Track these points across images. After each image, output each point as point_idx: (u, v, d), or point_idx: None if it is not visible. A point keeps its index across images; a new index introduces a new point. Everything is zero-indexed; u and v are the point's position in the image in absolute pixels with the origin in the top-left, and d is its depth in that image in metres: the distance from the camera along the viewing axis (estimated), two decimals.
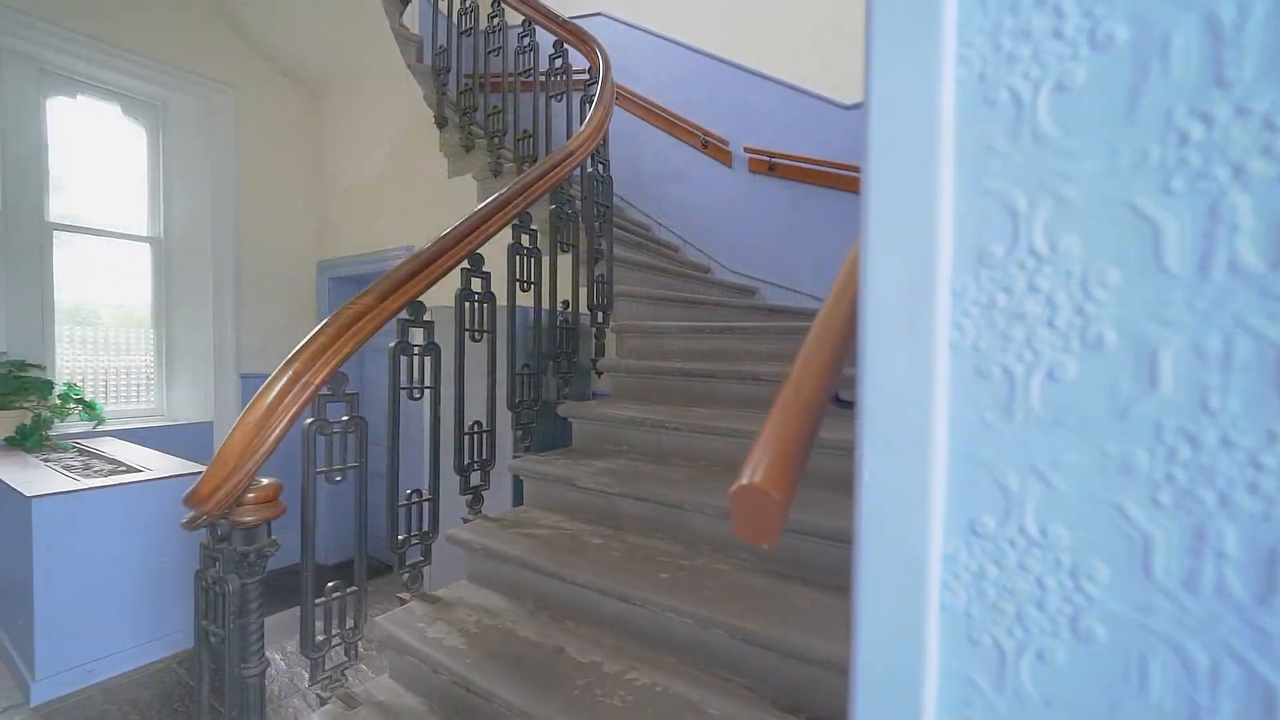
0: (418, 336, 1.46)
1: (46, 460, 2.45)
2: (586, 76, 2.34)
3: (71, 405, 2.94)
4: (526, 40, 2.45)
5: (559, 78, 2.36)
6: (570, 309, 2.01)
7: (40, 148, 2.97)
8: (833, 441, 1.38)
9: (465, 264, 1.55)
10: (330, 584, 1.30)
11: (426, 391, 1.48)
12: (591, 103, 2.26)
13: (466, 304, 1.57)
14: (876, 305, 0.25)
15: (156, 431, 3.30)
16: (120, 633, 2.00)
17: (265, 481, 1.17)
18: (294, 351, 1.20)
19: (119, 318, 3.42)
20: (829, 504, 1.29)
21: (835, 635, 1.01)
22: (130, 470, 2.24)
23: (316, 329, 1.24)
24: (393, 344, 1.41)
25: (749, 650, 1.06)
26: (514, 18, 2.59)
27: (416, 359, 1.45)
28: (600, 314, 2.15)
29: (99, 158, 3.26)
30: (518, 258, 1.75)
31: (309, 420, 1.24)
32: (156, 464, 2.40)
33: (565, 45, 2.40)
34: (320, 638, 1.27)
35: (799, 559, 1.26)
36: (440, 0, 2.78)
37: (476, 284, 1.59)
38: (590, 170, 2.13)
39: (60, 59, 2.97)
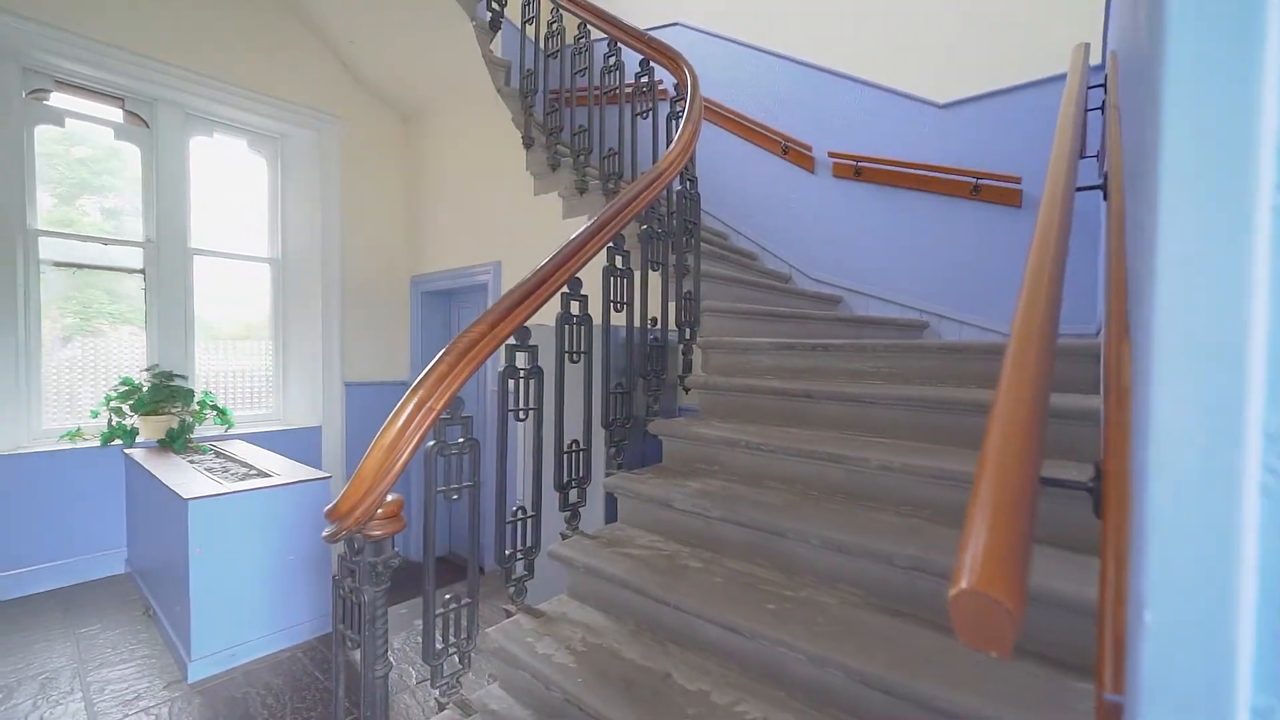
0: (522, 360, 1.52)
1: (191, 462, 2.76)
2: (674, 93, 2.36)
3: (208, 411, 3.30)
4: (613, 60, 2.50)
5: (645, 95, 2.39)
6: (659, 326, 2.03)
7: (184, 182, 3.35)
8: (953, 473, 1.32)
9: (565, 288, 1.60)
10: (447, 595, 1.38)
11: (529, 412, 1.54)
12: (678, 119, 2.28)
13: (566, 327, 1.62)
14: (1165, 431, 0.24)
15: (274, 435, 3.64)
16: (255, 622, 2.22)
17: (390, 498, 1.26)
18: (418, 379, 1.28)
19: (243, 332, 3.80)
20: (952, 539, 1.23)
21: (966, 685, 0.96)
22: (261, 474, 2.48)
23: (437, 357, 1.32)
24: (501, 368, 1.47)
25: (869, 693, 1.03)
26: (598, 34, 2.64)
27: (521, 382, 1.51)
28: (687, 330, 2.16)
29: (228, 188, 3.63)
30: (612, 279, 1.79)
31: (430, 443, 1.32)
32: (279, 467, 2.64)
33: (651, 63, 2.42)
34: (439, 646, 1.35)
35: (916, 595, 1.21)
36: (527, 26, 2.89)
37: (575, 307, 1.64)
38: (679, 188, 2.14)
39: (202, 103, 3.34)
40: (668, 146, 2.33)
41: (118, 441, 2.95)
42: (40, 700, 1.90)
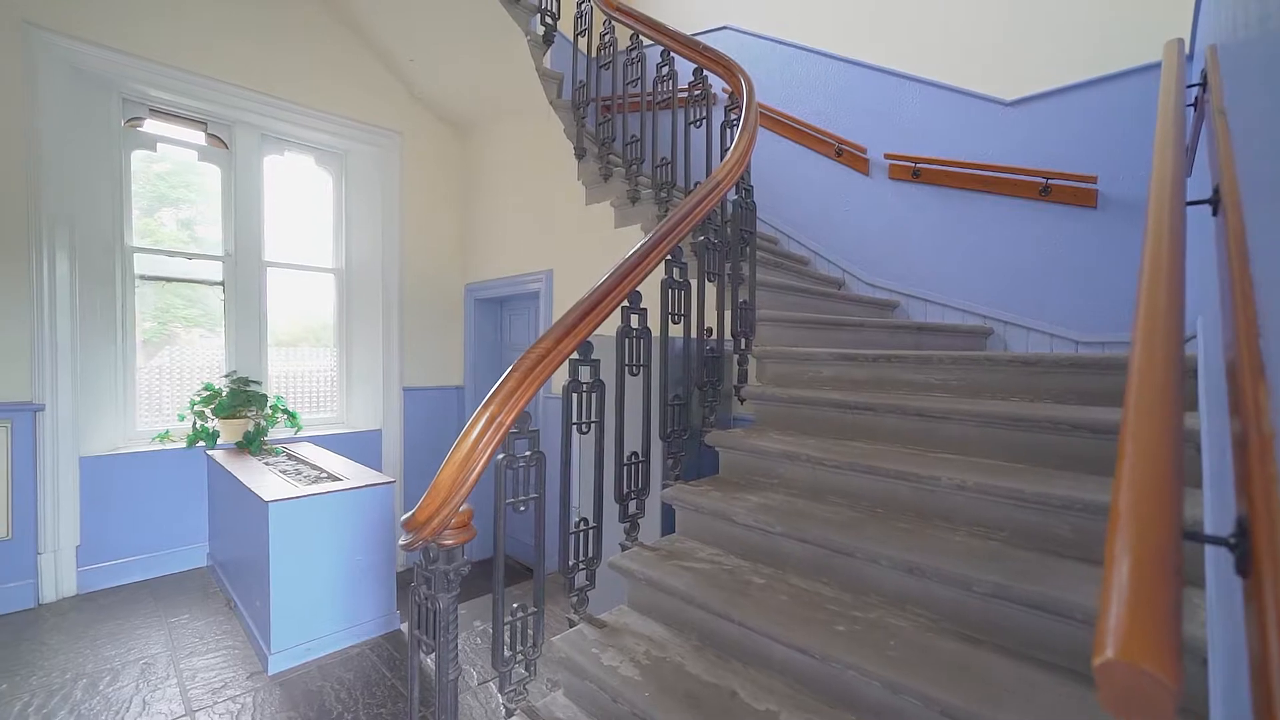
0: (585, 374, 1.54)
1: (267, 464, 2.93)
2: (724, 98, 2.35)
3: (279, 415, 3.49)
4: (665, 70, 2.51)
5: (699, 103, 2.38)
6: (714, 336, 2.02)
7: (259, 198, 3.56)
8: (1032, 495, 1.27)
9: (625, 302, 1.62)
10: (515, 605, 1.42)
11: (591, 425, 1.56)
12: (732, 128, 2.27)
13: (626, 340, 1.64)
14: None
15: (339, 438, 3.82)
16: (327, 618, 2.34)
17: (460, 508, 1.31)
18: (489, 395, 1.32)
19: (310, 339, 4.00)
20: (1033, 565, 1.18)
21: None
22: (331, 477, 2.61)
23: (505, 374, 1.35)
24: (565, 383, 1.50)
25: None
26: (649, 42, 2.66)
27: (584, 395, 1.54)
28: (743, 340, 2.15)
29: (297, 202, 3.84)
30: (670, 291, 1.80)
31: (500, 456, 1.36)
32: (346, 470, 2.77)
33: (705, 71, 2.42)
34: (507, 653, 1.38)
35: (992, 623, 1.16)
36: (579, 38, 2.93)
37: (635, 320, 1.66)
38: (734, 198, 2.13)
39: (275, 124, 3.55)
40: (721, 154, 2.33)
41: (201, 443, 3.16)
42: (141, 684, 2.06)
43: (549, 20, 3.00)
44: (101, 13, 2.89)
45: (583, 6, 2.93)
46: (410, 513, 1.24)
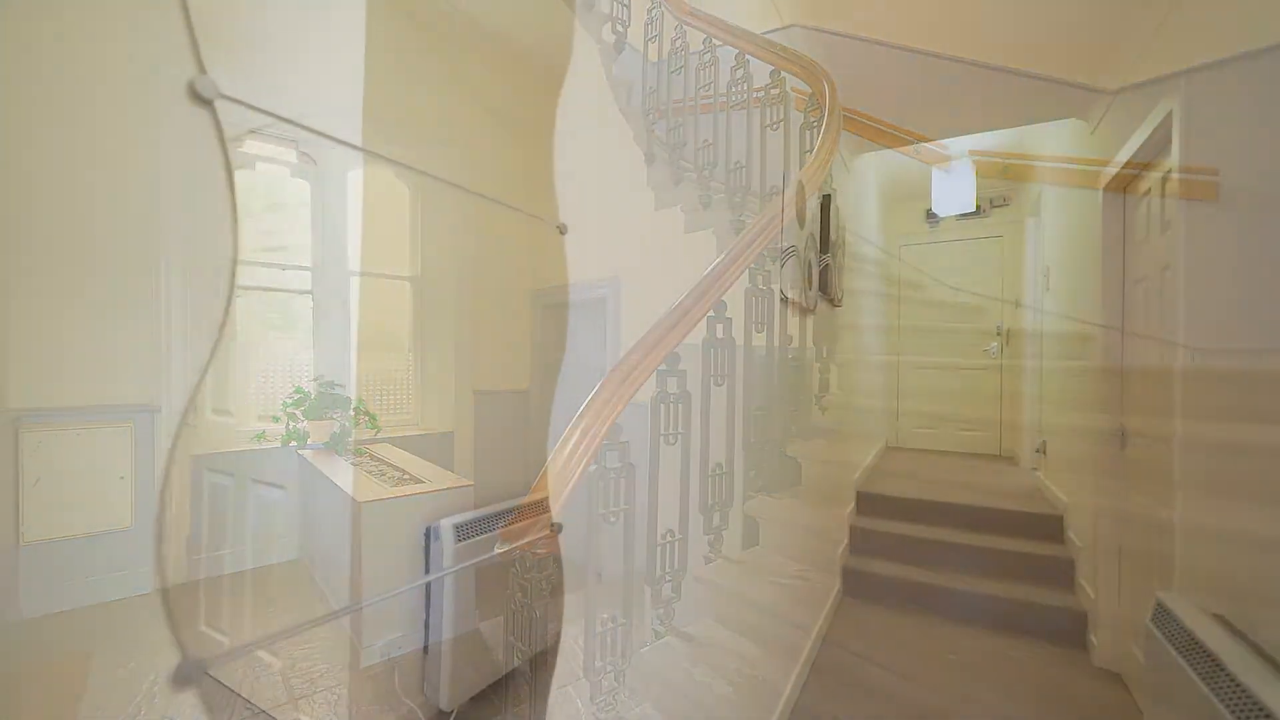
0: (672, 385, 1.53)
1: (353, 464, 3.08)
2: (799, 97, 2.29)
3: (361, 417, 3.67)
4: (740, 73, 2.47)
5: (776, 104, 2.34)
6: (796, 344, 1.97)
7: (344, 211, 3.76)
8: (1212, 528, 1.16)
9: (711, 312, 1.60)
10: (604, 614, 1.42)
11: (678, 436, 1.55)
12: (811, 130, 2.21)
13: (712, 351, 1.62)
14: None
15: (414, 439, 3.97)
16: (412, 615, 2.43)
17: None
18: (582, 408, 1.33)
19: (388, 343, 4.19)
20: None
21: None
22: (413, 479, 2.71)
23: (598, 386, 1.36)
24: (653, 394, 1.50)
25: None
26: (719, 44, 2.62)
27: (670, 406, 1.53)
28: (824, 348, 2.08)
29: (377, 213, 4.03)
30: (753, 300, 1.77)
31: (592, 468, 1.37)
32: (424, 472, 2.88)
33: (782, 73, 2.37)
34: (598, 663, 1.39)
35: (1121, 658, 1.07)
36: (649, 45, 2.94)
37: (720, 330, 1.63)
38: (816, 202, 2.07)
39: (359, 140, 3.73)
40: (800, 156, 2.27)
41: (293, 443, 3.36)
42: (247, 669, 2.21)
43: (619, 28, 3.02)
44: (214, 43, 3.13)
45: (653, 13, 2.93)
46: (508, 523, 1.27)
